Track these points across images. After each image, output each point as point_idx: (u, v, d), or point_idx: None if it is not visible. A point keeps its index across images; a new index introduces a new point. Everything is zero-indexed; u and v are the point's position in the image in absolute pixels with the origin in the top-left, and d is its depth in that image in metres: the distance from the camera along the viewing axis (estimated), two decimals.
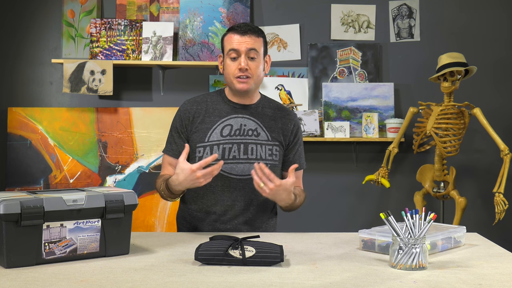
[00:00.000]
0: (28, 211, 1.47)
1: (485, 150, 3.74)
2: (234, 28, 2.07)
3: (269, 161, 2.08)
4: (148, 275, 1.43)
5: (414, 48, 3.79)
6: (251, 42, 2.04)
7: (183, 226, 2.19)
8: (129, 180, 3.68)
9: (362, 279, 1.41)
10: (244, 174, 2.06)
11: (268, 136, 2.10)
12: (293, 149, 2.16)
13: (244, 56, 2.03)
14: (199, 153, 2.06)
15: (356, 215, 3.78)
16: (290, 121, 2.16)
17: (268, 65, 2.14)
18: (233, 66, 2.04)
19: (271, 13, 3.80)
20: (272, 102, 2.19)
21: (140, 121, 3.71)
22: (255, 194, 2.07)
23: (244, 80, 2.03)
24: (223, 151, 2.05)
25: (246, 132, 2.08)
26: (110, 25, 3.72)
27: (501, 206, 3.15)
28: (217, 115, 2.10)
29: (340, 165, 3.80)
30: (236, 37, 2.04)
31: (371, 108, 3.73)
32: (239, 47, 2.03)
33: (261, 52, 2.07)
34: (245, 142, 2.07)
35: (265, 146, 2.09)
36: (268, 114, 2.13)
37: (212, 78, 3.78)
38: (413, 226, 1.56)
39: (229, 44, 2.05)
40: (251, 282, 1.37)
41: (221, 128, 2.08)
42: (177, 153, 2.09)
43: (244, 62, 2.02)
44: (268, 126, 2.11)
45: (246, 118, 2.10)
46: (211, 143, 2.06)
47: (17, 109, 3.69)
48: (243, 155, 2.06)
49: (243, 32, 2.04)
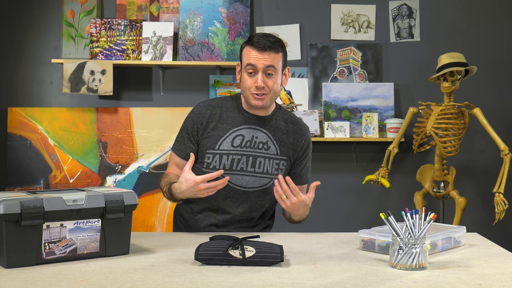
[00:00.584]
0: (28, 211, 1.47)
1: (485, 150, 3.74)
2: (253, 42, 1.99)
3: (275, 176, 2.08)
4: (148, 275, 1.43)
5: (414, 48, 3.79)
6: (269, 59, 1.97)
7: (180, 223, 2.19)
8: (129, 180, 3.68)
9: (362, 279, 1.41)
10: (248, 187, 2.06)
11: (278, 150, 2.09)
12: (301, 164, 2.15)
13: (261, 73, 1.98)
14: (208, 159, 2.05)
15: (356, 215, 3.78)
16: (302, 136, 2.14)
17: (286, 78, 2.09)
18: (250, 81, 2.00)
19: (271, 13, 3.80)
20: (287, 114, 2.16)
21: (140, 121, 3.71)
22: (256, 206, 2.10)
23: (260, 97, 2.00)
24: (232, 162, 2.04)
25: (257, 145, 2.07)
26: (110, 25, 3.72)
27: (501, 206, 3.15)
28: (230, 123, 2.08)
29: (340, 165, 3.80)
30: (254, 52, 1.98)
31: (371, 108, 3.73)
32: (256, 64, 1.97)
33: (279, 67, 2.02)
34: (254, 155, 2.06)
35: (273, 160, 2.08)
36: (281, 128, 2.11)
37: (212, 78, 3.78)
38: (413, 226, 1.56)
39: (247, 59, 1.99)
40: (251, 282, 1.37)
41: (233, 138, 2.06)
42: (185, 154, 2.08)
43: (260, 79, 1.97)
44: (280, 140, 2.10)
45: (259, 130, 2.08)
46: (221, 152, 2.05)
47: (17, 109, 3.69)
48: (251, 167, 2.05)
49: (262, 49, 1.97)
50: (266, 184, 2.08)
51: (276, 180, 1.86)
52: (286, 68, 2.09)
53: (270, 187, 2.08)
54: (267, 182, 2.08)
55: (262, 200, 2.10)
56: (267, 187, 2.08)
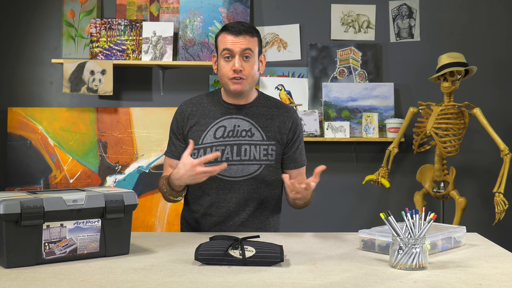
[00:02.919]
0: (28, 211, 1.47)
1: (485, 150, 3.74)
2: (228, 28, 2.03)
3: (264, 162, 2.06)
4: (148, 275, 1.43)
5: (414, 48, 3.79)
6: (245, 42, 2.00)
7: (184, 226, 2.20)
8: (129, 180, 3.68)
9: (362, 279, 1.41)
10: (238, 176, 2.05)
11: (263, 136, 2.07)
12: (293, 147, 2.13)
13: (238, 57, 2.00)
14: (194, 155, 2.05)
15: (356, 215, 3.78)
16: (288, 119, 2.11)
17: (263, 65, 2.12)
18: (227, 67, 2.01)
19: (271, 13, 3.80)
20: (270, 100, 2.15)
21: (140, 121, 3.71)
22: (250, 195, 2.07)
23: (238, 81, 2.01)
24: None
25: (240, 133, 2.06)
26: (110, 25, 3.72)
27: (501, 206, 3.15)
28: (212, 117, 2.08)
29: (340, 165, 3.80)
30: (230, 37, 2.01)
31: (371, 108, 3.73)
32: (233, 48, 2.00)
33: (256, 52, 2.04)
34: (238, 144, 2.05)
35: (260, 146, 2.06)
36: (264, 113, 2.10)
37: (212, 78, 3.78)
38: (413, 226, 1.56)
39: (223, 44, 2.02)
40: (251, 282, 1.37)
41: (215, 130, 2.07)
42: (176, 155, 2.09)
43: (238, 63, 1.99)
44: (264, 126, 2.08)
45: (240, 118, 2.08)
46: (205, 145, 2.05)
47: (17, 109, 3.69)
48: (236, 156, 2.04)
49: (237, 33, 2.00)
50: (256, 171, 2.05)
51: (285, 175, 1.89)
52: (262, 55, 2.11)
53: (261, 173, 2.06)
54: (256, 168, 2.05)
55: (256, 188, 2.07)
56: (257, 173, 2.05)
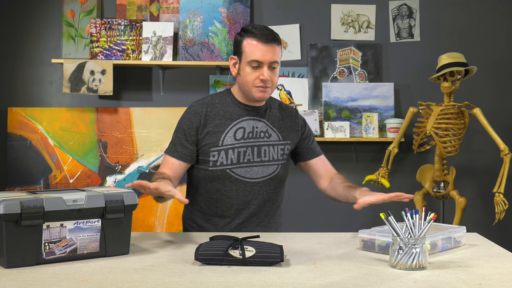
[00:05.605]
0: (28, 211, 1.47)
1: (485, 150, 3.74)
2: (255, 34, 1.98)
3: (281, 161, 2.12)
4: (148, 275, 1.43)
5: (414, 48, 3.79)
6: (274, 53, 1.98)
7: (191, 228, 2.15)
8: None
9: (362, 279, 1.41)
10: (257, 177, 2.07)
11: (279, 136, 2.12)
12: (307, 138, 2.20)
13: (266, 67, 1.98)
14: (213, 157, 2.04)
15: (356, 215, 3.77)
16: (295, 117, 2.19)
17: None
18: (254, 75, 1.99)
19: (271, 13, 3.80)
20: (275, 102, 2.19)
21: (140, 121, 3.71)
22: (269, 196, 2.11)
23: (264, 89, 2.01)
24: (238, 155, 2.05)
25: (258, 134, 2.09)
26: (110, 25, 3.72)
27: (501, 206, 3.15)
28: (229, 118, 2.08)
29: (340, 165, 3.76)
30: (260, 46, 1.97)
31: (371, 108, 3.73)
32: (263, 60, 1.97)
33: (280, 60, 2.05)
34: (258, 145, 2.08)
35: (277, 146, 2.11)
36: (276, 115, 2.15)
37: (212, 78, 3.78)
38: (413, 226, 1.56)
39: (252, 54, 1.97)
40: (251, 282, 1.37)
41: (234, 131, 2.06)
42: (182, 155, 2.06)
43: (267, 73, 1.98)
44: (278, 126, 2.13)
45: (257, 120, 2.10)
46: (226, 147, 2.05)
47: (17, 109, 3.69)
48: (257, 157, 2.07)
49: (267, 41, 1.97)
50: (274, 172, 2.10)
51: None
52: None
53: (278, 173, 2.11)
54: (275, 169, 2.10)
55: (273, 188, 2.11)
56: (275, 174, 2.10)
